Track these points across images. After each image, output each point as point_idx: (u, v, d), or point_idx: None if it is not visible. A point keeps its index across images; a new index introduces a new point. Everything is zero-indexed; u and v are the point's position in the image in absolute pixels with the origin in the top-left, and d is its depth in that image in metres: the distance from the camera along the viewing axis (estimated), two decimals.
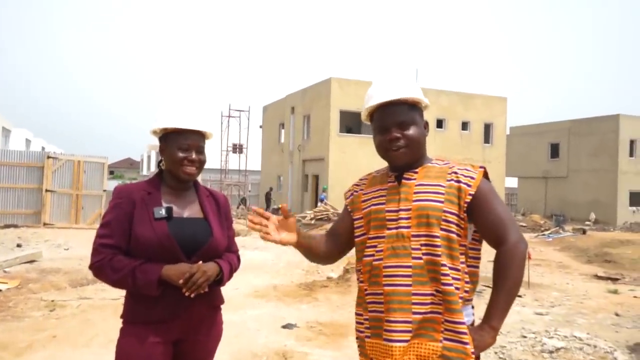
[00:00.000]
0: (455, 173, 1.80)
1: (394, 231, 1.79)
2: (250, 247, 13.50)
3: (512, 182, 39.54)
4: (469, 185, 1.76)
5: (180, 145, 2.04)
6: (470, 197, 1.75)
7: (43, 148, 55.54)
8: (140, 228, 1.95)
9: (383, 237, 1.82)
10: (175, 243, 1.95)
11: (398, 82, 1.88)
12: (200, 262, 1.98)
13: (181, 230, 1.99)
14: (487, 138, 28.70)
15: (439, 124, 27.33)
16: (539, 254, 14.28)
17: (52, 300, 6.42)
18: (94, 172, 17.71)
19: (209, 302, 2.07)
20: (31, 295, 6.80)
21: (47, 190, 16.55)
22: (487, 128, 28.70)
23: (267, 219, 1.80)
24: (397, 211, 1.81)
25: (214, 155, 36.01)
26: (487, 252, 1.80)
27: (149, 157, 64.41)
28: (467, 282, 1.76)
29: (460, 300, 1.70)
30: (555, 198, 33.86)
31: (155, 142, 2.22)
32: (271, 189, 31.34)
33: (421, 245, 1.75)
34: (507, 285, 1.68)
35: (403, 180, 1.85)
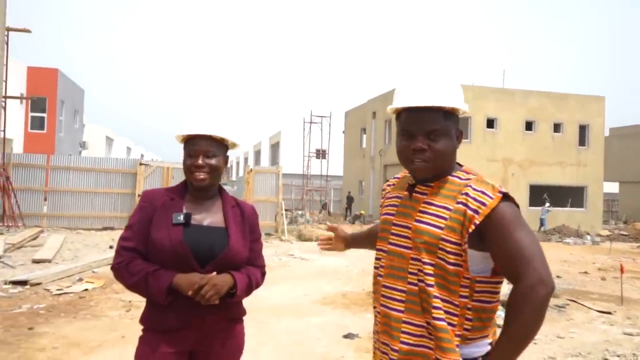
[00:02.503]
0: (467, 195, 1.54)
1: (396, 248, 1.64)
2: (325, 252, 13.54)
3: (613, 187, 36.66)
4: (476, 213, 1.50)
5: (189, 152, 2.03)
6: (474, 227, 1.50)
7: (142, 155, 59.60)
8: (157, 233, 1.95)
9: (385, 251, 1.68)
10: (188, 250, 1.92)
11: (436, 83, 1.61)
12: (214, 272, 1.93)
13: (197, 238, 1.97)
14: (582, 140, 26.77)
15: (528, 126, 25.91)
16: None
17: (130, 301, 6.75)
18: (182, 177, 18.53)
19: (225, 315, 2.01)
20: (113, 295, 7.21)
21: (139, 195, 17.63)
22: (583, 130, 26.76)
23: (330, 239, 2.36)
24: (401, 227, 1.65)
25: (296, 160, 36.63)
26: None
27: (237, 163, 66.94)
28: (468, 319, 1.53)
29: (456, 338, 1.51)
30: None
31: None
32: (349, 192, 31.55)
33: (418, 270, 1.57)
34: (514, 332, 1.43)
35: (414, 194, 1.67)
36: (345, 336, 5.51)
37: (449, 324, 1.50)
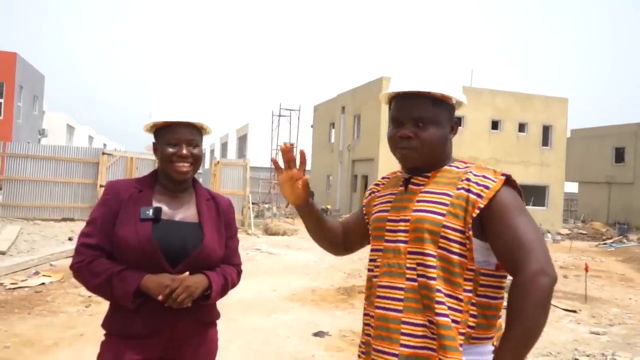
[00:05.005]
0: (468, 180, 1.46)
1: (392, 244, 1.52)
2: (294, 247, 13.37)
3: (573, 187, 37.71)
4: (479, 197, 1.42)
5: (169, 141, 1.83)
6: (478, 212, 1.42)
7: (105, 145, 57.95)
8: (123, 229, 1.76)
9: (381, 250, 1.56)
10: (157, 248, 1.73)
11: (426, 70, 1.55)
12: (187, 273, 1.75)
13: (168, 235, 1.78)
14: (545, 141, 27.36)
15: (494, 125, 26.32)
16: (599, 264, 13.43)
17: (89, 296, 6.44)
18: (147, 168, 18.08)
19: (198, 318, 1.84)
20: (71, 289, 6.87)
21: (101, 186, 17.05)
22: (546, 130, 27.35)
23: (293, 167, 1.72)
24: (397, 221, 1.53)
25: (264, 153, 36.29)
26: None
27: (203, 154, 65.92)
28: (472, 316, 1.43)
29: (460, 337, 1.39)
30: (619, 205, 31.96)
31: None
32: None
33: (417, 264, 1.46)
34: (519, 328, 1.30)
35: (409, 186, 1.57)
36: (315, 334, 5.37)
37: (453, 320, 1.39)
